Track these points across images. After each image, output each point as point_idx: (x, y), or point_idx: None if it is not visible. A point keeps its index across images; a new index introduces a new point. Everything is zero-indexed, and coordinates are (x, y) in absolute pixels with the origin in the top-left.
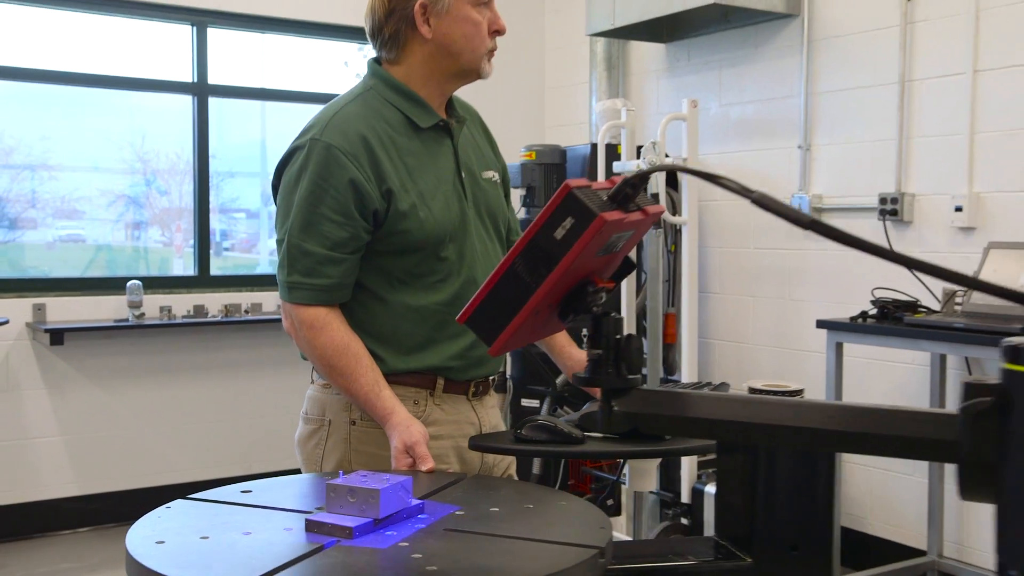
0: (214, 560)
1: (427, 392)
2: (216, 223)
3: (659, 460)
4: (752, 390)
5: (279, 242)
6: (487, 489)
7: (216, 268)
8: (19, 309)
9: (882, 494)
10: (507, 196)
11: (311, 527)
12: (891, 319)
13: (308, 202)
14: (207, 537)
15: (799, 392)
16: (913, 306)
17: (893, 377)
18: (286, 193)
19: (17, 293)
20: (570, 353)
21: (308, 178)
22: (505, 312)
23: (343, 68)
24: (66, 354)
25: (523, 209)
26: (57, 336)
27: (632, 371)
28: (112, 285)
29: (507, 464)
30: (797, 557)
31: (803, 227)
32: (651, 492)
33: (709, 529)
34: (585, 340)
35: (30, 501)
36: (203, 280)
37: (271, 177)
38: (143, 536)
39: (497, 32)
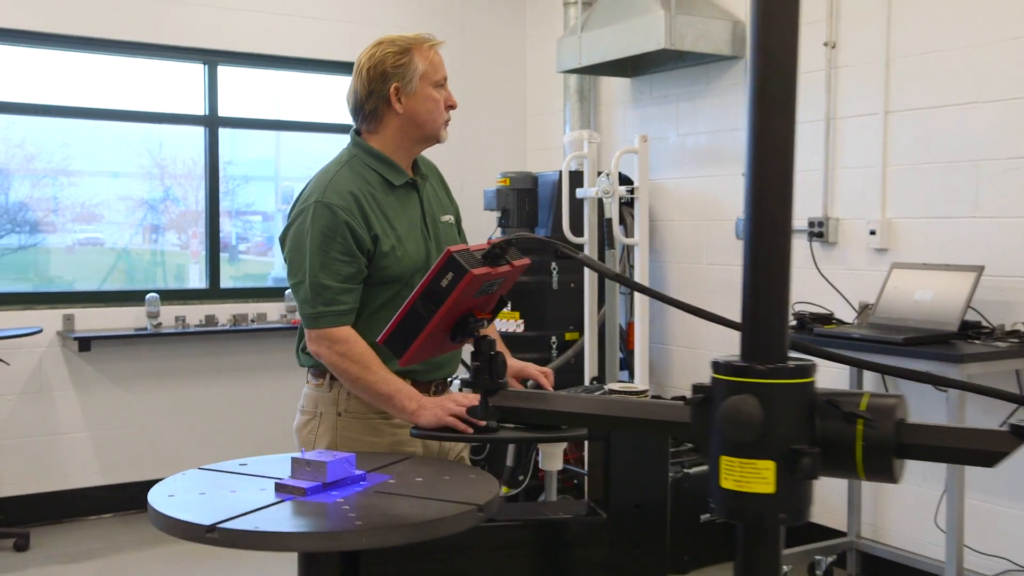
0: (204, 507)
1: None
2: (231, 227)
3: (564, 444)
4: (609, 391)
5: (298, 284)
6: (422, 466)
7: (233, 271)
8: (50, 319)
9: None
10: (460, 231)
11: (279, 488)
12: (806, 330)
13: (320, 248)
14: (204, 493)
15: (643, 392)
16: (827, 318)
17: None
18: (297, 245)
19: (49, 305)
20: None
21: (317, 230)
22: (409, 336)
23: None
24: (92, 359)
25: (499, 229)
26: (84, 343)
27: (499, 377)
28: (133, 297)
29: (460, 448)
30: (639, 512)
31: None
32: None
33: None
34: (470, 356)
35: (61, 490)
36: (214, 292)
37: (281, 227)
38: (160, 491)
39: (451, 107)
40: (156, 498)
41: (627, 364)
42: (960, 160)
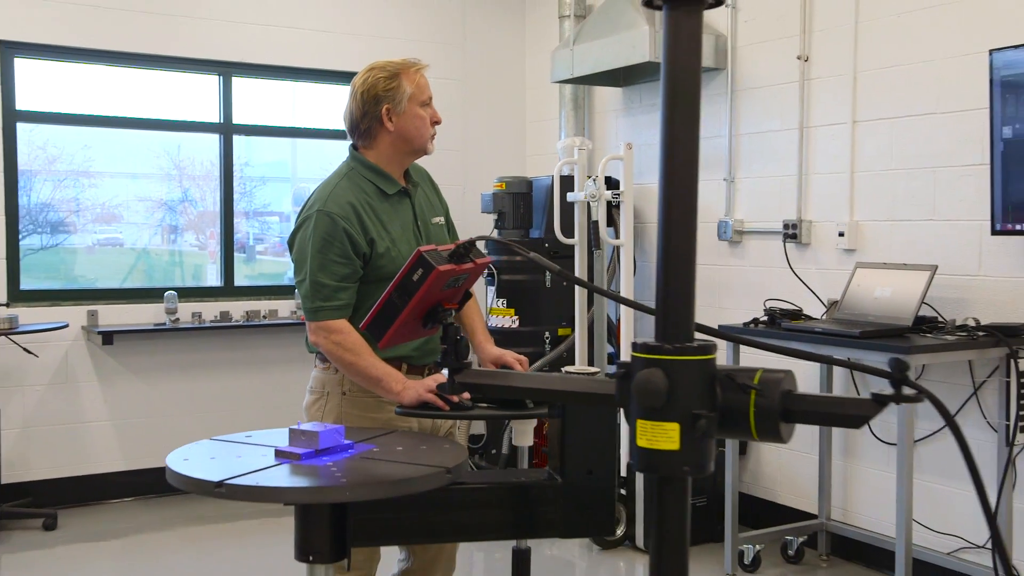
0: (214, 468)
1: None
2: (248, 228)
3: (534, 422)
4: (564, 372)
5: (301, 282)
6: (404, 438)
7: (249, 270)
8: (76, 315)
9: (787, 470)
10: (451, 230)
11: (278, 454)
12: (775, 325)
13: (320, 252)
14: (214, 458)
15: (594, 373)
16: (796, 314)
17: (753, 362)
18: (302, 248)
19: (74, 301)
20: (484, 347)
21: (319, 236)
22: (386, 323)
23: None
24: (115, 352)
25: (496, 231)
26: (107, 337)
27: (463, 358)
28: (153, 295)
29: (450, 425)
30: (590, 478)
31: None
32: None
33: (640, 497)
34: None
35: (85, 474)
36: (228, 290)
37: (288, 237)
38: (177, 456)
39: (436, 123)
40: (173, 460)
41: (617, 357)
42: (920, 167)
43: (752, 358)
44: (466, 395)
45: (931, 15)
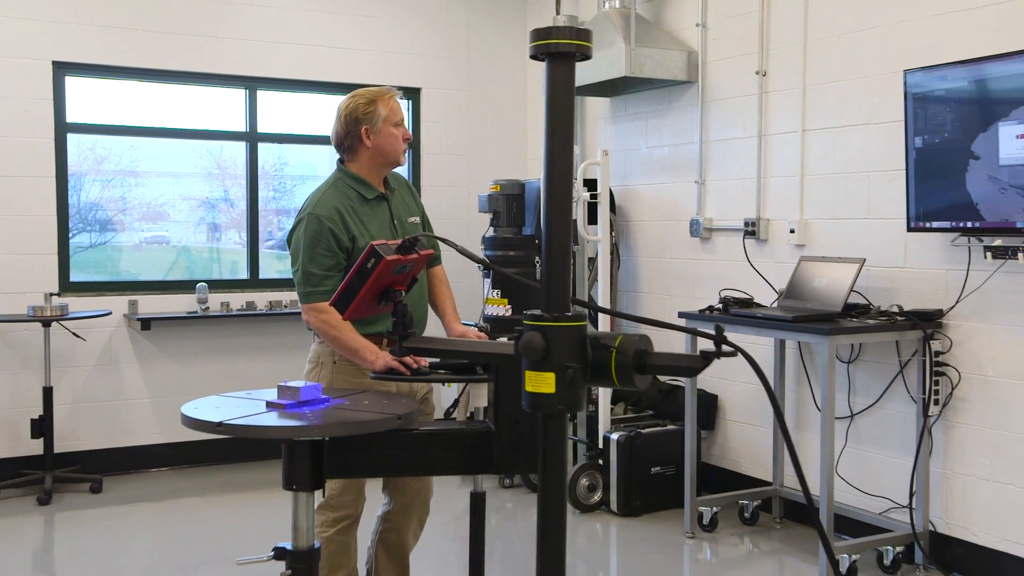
0: (217, 413)
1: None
2: (288, 224)
3: (486, 385)
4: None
5: (295, 271)
6: (372, 396)
7: (281, 266)
8: (118, 304)
9: (748, 443)
10: (426, 226)
11: (268, 405)
12: (727, 312)
13: (309, 247)
14: (219, 407)
15: None
16: (747, 302)
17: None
18: (296, 244)
19: (117, 292)
20: (452, 325)
21: (309, 234)
22: (348, 300)
23: None
24: (152, 337)
25: (491, 228)
26: (146, 324)
27: (408, 328)
28: (186, 286)
29: (426, 390)
30: (518, 426)
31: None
32: (570, 437)
33: (614, 467)
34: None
35: (126, 446)
36: (253, 282)
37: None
38: (190, 406)
39: (407, 140)
40: (186, 408)
41: (757, 371)
42: (857, 171)
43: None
44: (425, 362)
45: (864, 36)
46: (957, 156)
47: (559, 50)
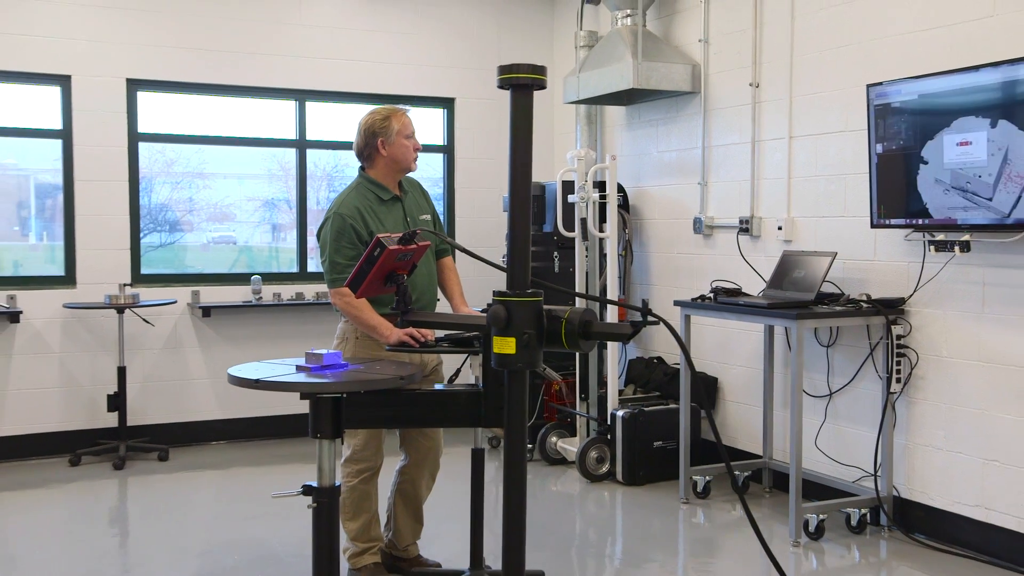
0: (255, 373)
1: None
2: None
3: (479, 356)
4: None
5: (323, 261)
6: (384, 363)
7: (319, 265)
8: (183, 294)
9: (744, 421)
10: (436, 223)
11: (298, 368)
12: (716, 300)
13: (335, 240)
14: (258, 370)
15: None
16: (735, 292)
17: (727, 335)
18: (324, 239)
19: (182, 284)
20: (459, 308)
21: (334, 230)
22: (359, 281)
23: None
24: (212, 324)
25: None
26: (206, 311)
27: (407, 305)
28: (242, 279)
29: (435, 362)
30: (502, 388)
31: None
32: (581, 414)
33: (620, 441)
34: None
35: (189, 421)
36: (302, 275)
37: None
38: (235, 368)
39: (417, 150)
40: (232, 370)
41: (680, 344)
42: (835, 174)
43: (703, 327)
44: (431, 336)
45: (840, 53)
46: (910, 161)
47: (519, 82)
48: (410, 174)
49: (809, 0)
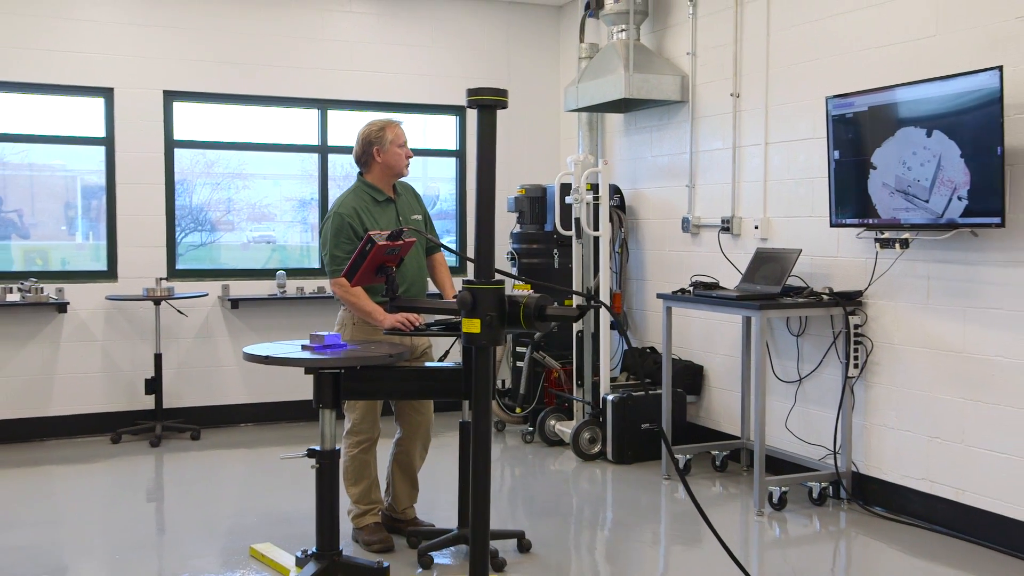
0: (267, 353)
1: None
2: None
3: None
4: None
5: (324, 256)
6: (379, 344)
7: None
8: (214, 287)
9: (725, 405)
10: (427, 223)
11: (303, 347)
12: (693, 293)
13: (334, 237)
14: (269, 348)
15: None
16: (711, 286)
17: (711, 326)
18: (324, 235)
19: (213, 278)
20: (449, 296)
21: (334, 228)
22: (354, 271)
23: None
24: (240, 315)
25: (518, 225)
26: (235, 304)
27: (395, 292)
28: (269, 274)
29: (426, 344)
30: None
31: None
32: (577, 399)
33: (610, 424)
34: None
35: (219, 404)
36: (324, 271)
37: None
38: (250, 348)
39: (408, 157)
40: (248, 349)
41: (616, 324)
42: (804, 177)
43: (683, 318)
44: (420, 320)
45: (808, 66)
46: (862, 166)
47: (484, 103)
48: (403, 179)
49: (782, 18)
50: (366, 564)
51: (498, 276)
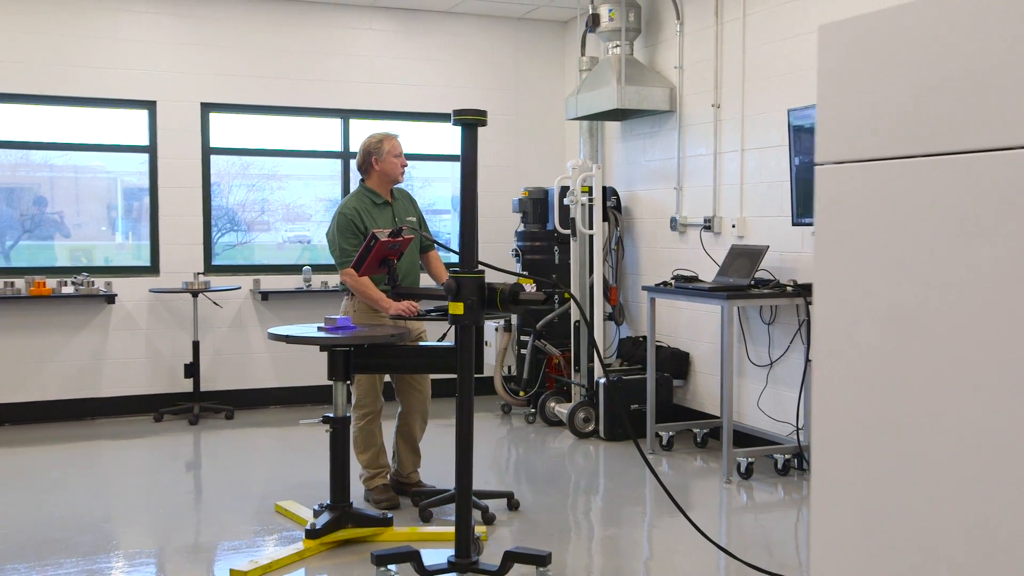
0: (286, 332)
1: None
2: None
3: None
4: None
5: (333, 250)
6: (384, 327)
7: None
8: (246, 281)
9: (710, 388)
10: (422, 224)
11: (319, 330)
12: (675, 284)
13: (342, 232)
14: (290, 330)
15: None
16: (691, 279)
17: (696, 316)
18: (333, 231)
19: (246, 273)
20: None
21: (341, 224)
22: (360, 263)
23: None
24: (269, 306)
25: (521, 224)
26: (265, 296)
27: (396, 282)
28: (295, 269)
29: (421, 328)
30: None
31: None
32: (574, 383)
33: (602, 405)
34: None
35: (251, 388)
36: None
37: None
38: (274, 329)
39: (404, 166)
40: (272, 330)
41: (613, 315)
42: (775, 180)
43: (666, 308)
44: (417, 309)
45: (778, 80)
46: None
47: (467, 122)
48: (399, 185)
49: (756, 35)
50: (373, 514)
51: (487, 269)
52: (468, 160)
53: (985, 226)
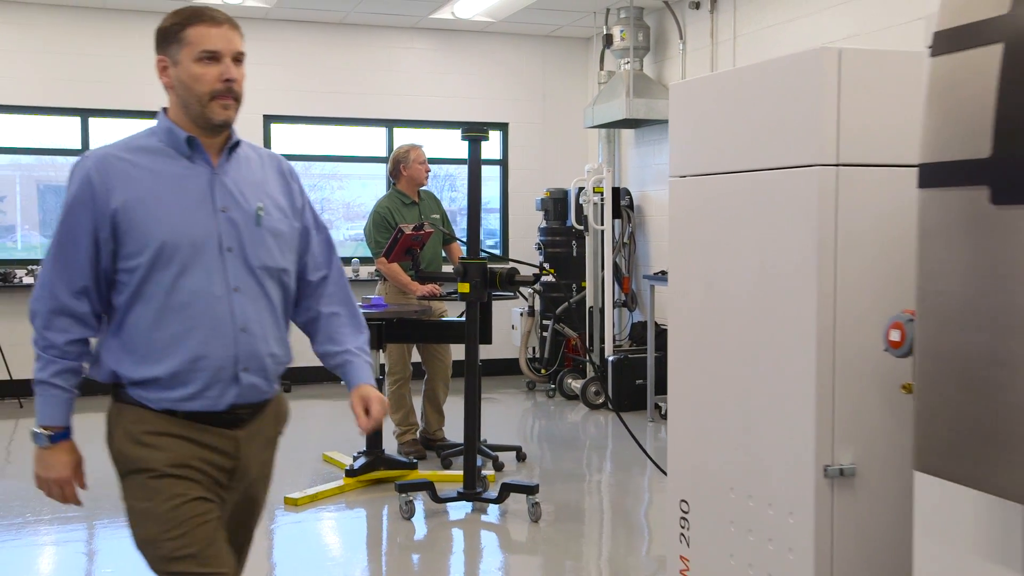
0: None
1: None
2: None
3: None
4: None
5: (368, 242)
6: (411, 307)
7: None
8: None
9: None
10: (444, 221)
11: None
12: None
13: (375, 226)
14: None
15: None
16: None
17: None
18: (368, 226)
19: None
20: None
21: (376, 220)
22: (390, 251)
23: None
24: None
25: (544, 221)
26: None
27: (419, 267)
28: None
29: (443, 308)
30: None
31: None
32: (587, 360)
33: (611, 380)
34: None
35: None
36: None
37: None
38: None
39: (427, 171)
40: None
41: (626, 302)
42: None
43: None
44: (439, 290)
45: None
46: None
47: (473, 137)
48: (426, 187)
49: (745, 55)
50: (401, 459)
51: (499, 259)
52: (474, 168)
53: (752, 217)
